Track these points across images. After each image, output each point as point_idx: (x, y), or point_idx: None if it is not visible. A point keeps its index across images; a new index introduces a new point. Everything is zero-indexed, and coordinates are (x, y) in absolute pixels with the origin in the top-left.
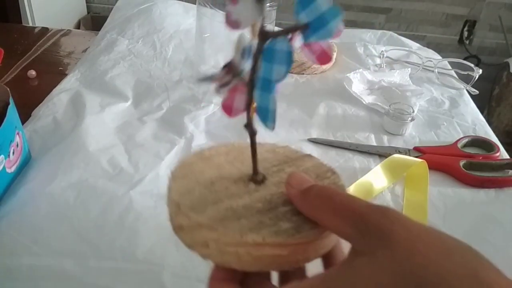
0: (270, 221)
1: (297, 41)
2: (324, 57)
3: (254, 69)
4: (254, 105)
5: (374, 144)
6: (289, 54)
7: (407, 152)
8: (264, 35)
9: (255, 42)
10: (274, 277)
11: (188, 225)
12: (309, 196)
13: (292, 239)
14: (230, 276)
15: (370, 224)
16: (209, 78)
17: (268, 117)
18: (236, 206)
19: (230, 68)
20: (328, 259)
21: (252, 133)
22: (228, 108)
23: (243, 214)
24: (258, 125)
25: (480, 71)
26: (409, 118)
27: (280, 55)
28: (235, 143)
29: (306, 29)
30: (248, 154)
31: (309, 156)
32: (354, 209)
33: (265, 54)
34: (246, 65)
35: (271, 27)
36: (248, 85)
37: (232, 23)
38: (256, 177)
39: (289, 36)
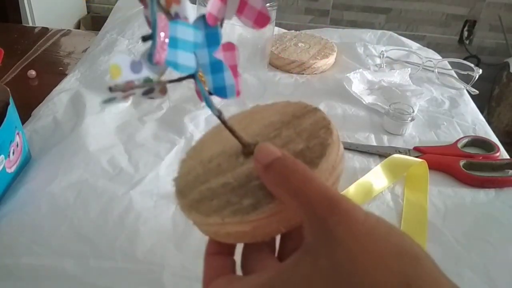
0: (236, 198)
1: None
2: (261, 19)
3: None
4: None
5: (374, 144)
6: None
7: (407, 152)
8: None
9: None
10: None
11: (180, 206)
12: (270, 172)
13: (249, 217)
14: (221, 249)
15: (317, 218)
16: (111, 99)
17: (207, 104)
18: (216, 185)
19: (128, 85)
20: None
21: (218, 115)
22: (199, 93)
23: (218, 193)
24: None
25: (480, 71)
26: (409, 118)
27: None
28: (255, 107)
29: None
30: (260, 118)
31: (314, 111)
32: (307, 195)
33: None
34: (153, 70)
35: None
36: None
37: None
38: (245, 150)
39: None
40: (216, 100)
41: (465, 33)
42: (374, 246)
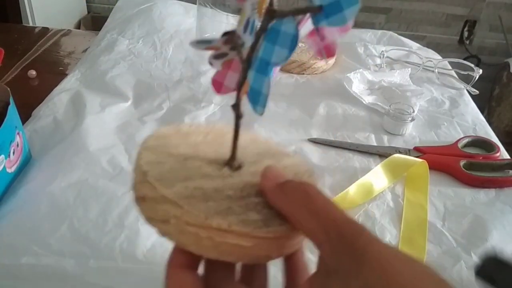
0: (239, 208)
1: (305, 27)
2: (330, 50)
3: (254, 47)
4: (246, 86)
5: (374, 144)
6: (294, 37)
7: (407, 152)
8: (271, 13)
9: (261, 18)
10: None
11: (152, 197)
12: (286, 190)
13: (259, 232)
14: (188, 262)
15: (344, 239)
16: (206, 42)
17: (259, 101)
18: (207, 187)
19: (230, 38)
20: (289, 262)
21: (238, 115)
22: (218, 84)
23: (213, 196)
24: (246, 107)
25: (480, 71)
26: (409, 118)
27: (284, 37)
28: (217, 126)
29: (319, 13)
30: (227, 139)
31: (289, 155)
32: (333, 216)
33: (269, 33)
34: (247, 40)
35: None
36: (245, 63)
37: None
38: (232, 163)
39: (298, 18)
40: (217, 99)
41: (465, 33)
42: (405, 267)
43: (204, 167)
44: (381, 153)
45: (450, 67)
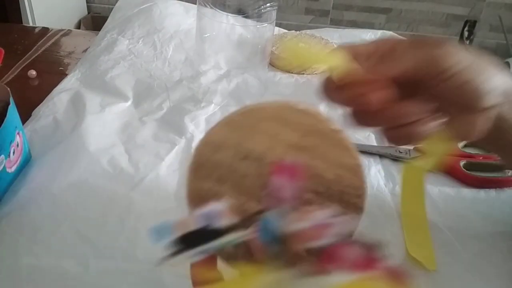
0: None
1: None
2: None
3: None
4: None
5: (374, 144)
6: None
7: (407, 152)
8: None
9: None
10: None
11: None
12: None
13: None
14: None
15: None
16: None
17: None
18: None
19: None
20: None
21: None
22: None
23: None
24: None
25: None
26: None
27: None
28: (326, 128)
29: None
30: (324, 152)
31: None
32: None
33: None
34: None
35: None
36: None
37: None
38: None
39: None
40: (217, 99)
41: (466, 33)
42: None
43: (249, 178)
44: (381, 153)
45: None
